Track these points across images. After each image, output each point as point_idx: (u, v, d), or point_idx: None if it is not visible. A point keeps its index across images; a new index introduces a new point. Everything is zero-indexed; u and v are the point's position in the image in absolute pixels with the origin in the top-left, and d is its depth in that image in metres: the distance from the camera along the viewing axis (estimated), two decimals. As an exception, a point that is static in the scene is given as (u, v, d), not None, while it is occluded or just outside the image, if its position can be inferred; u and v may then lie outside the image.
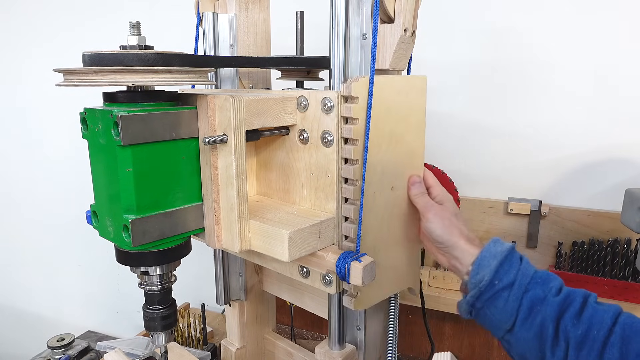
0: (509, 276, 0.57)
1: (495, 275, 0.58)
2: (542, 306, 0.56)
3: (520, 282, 0.57)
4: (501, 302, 0.57)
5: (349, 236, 0.60)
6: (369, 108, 0.57)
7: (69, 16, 1.51)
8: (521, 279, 0.57)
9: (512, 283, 0.57)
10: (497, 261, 0.58)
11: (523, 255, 0.61)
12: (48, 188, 1.69)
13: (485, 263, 0.58)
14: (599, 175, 1.05)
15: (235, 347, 0.92)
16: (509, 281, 0.57)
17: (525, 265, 0.59)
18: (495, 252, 0.59)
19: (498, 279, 0.57)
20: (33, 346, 1.31)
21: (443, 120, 1.15)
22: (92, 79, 0.49)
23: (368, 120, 0.57)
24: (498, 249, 0.59)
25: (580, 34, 1.01)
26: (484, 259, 0.59)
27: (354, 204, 0.59)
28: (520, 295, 0.57)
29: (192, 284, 1.39)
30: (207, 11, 0.75)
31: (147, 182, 0.54)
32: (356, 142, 0.57)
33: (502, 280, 0.57)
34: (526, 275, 0.58)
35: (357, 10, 0.59)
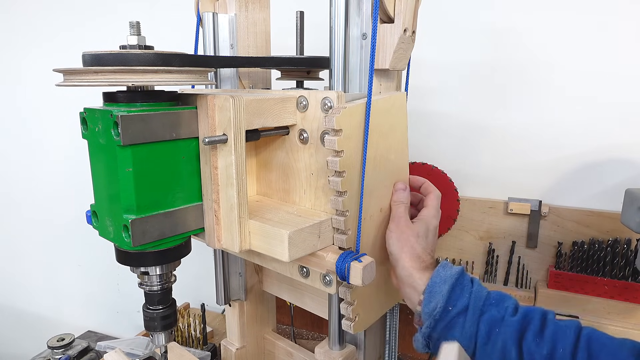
0: (462, 300, 0.55)
1: (449, 301, 0.55)
2: (500, 327, 0.54)
3: (475, 305, 0.55)
4: (458, 330, 0.55)
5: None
6: (367, 121, 0.57)
7: (69, 16, 1.51)
8: (475, 302, 0.55)
9: (466, 307, 0.55)
10: (448, 285, 0.56)
11: (473, 277, 0.59)
12: (48, 188, 1.69)
13: (436, 289, 0.56)
14: (599, 175, 1.05)
15: (235, 347, 0.92)
16: (463, 305, 0.55)
17: (477, 287, 0.57)
18: (445, 276, 0.57)
19: (451, 304, 0.55)
20: (33, 346, 1.31)
21: (443, 120, 1.15)
22: (92, 79, 0.49)
23: (366, 141, 0.57)
24: (447, 272, 0.58)
25: (580, 34, 1.01)
26: (434, 285, 0.57)
27: (346, 234, 0.58)
28: (477, 319, 0.55)
29: (192, 284, 1.39)
30: (207, 11, 0.75)
31: (147, 182, 0.54)
32: (343, 173, 0.56)
33: (456, 306, 0.55)
34: (479, 298, 0.56)
35: (357, 10, 0.59)
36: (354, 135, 0.57)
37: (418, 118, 1.12)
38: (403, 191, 0.65)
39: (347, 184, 0.57)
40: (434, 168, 0.98)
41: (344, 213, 0.58)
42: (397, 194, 0.65)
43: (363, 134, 0.58)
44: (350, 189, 0.57)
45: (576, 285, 1.02)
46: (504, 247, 1.11)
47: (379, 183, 0.63)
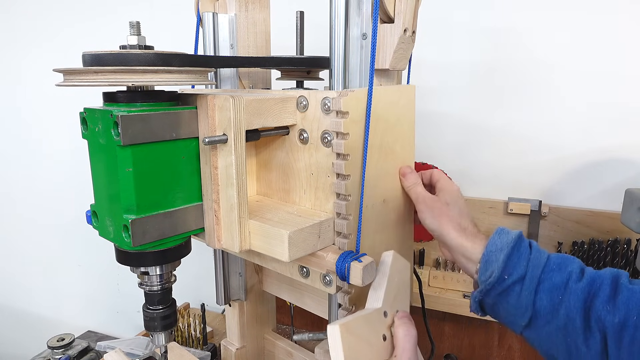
0: (519, 269, 0.53)
1: (505, 270, 0.53)
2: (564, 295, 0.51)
3: (532, 274, 0.53)
4: (513, 298, 0.53)
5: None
6: (368, 116, 0.57)
7: (69, 16, 1.51)
8: (532, 270, 0.53)
9: (522, 276, 0.53)
10: (504, 254, 0.54)
11: (532, 241, 0.57)
12: (48, 188, 1.69)
13: (492, 258, 0.55)
14: (599, 175, 1.05)
15: (235, 347, 0.92)
16: (519, 274, 0.53)
17: (536, 254, 0.55)
18: (501, 244, 0.55)
19: (507, 273, 0.53)
20: (33, 346, 1.31)
21: (443, 120, 1.15)
22: (92, 79, 0.49)
23: (367, 130, 0.57)
24: (504, 240, 0.55)
25: (580, 34, 1.01)
26: (490, 254, 0.55)
27: (347, 219, 0.58)
28: (534, 289, 0.52)
29: (192, 284, 1.39)
30: (207, 11, 0.75)
31: (147, 182, 0.54)
32: (347, 157, 0.56)
33: (512, 275, 0.53)
34: (537, 265, 0.53)
35: (357, 10, 0.59)
36: (360, 120, 0.57)
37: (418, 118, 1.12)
38: (411, 173, 0.65)
39: (350, 168, 0.57)
40: (434, 168, 0.98)
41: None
42: (407, 178, 0.65)
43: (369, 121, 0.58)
44: (353, 173, 0.57)
45: (576, 285, 1.02)
46: (504, 247, 1.11)
47: (384, 173, 0.63)
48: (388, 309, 0.53)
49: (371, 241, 0.63)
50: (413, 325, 0.52)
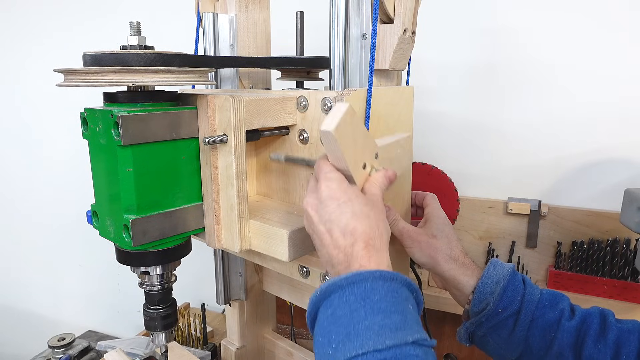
0: (514, 304, 0.54)
1: (499, 304, 0.54)
2: (557, 332, 0.52)
3: (527, 309, 0.53)
4: (505, 332, 0.54)
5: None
6: (367, 116, 0.57)
7: (69, 16, 1.51)
8: (527, 306, 0.53)
9: (517, 311, 0.53)
10: (499, 288, 0.54)
11: (524, 276, 0.58)
12: (48, 188, 1.69)
13: (487, 290, 0.55)
14: (598, 175, 1.05)
15: (235, 346, 0.92)
16: (514, 309, 0.53)
17: (530, 289, 0.55)
18: (496, 277, 0.55)
19: (502, 307, 0.54)
20: (33, 346, 1.31)
21: (443, 120, 1.15)
22: (92, 79, 0.49)
23: (366, 128, 0.57)
24: (499, 272, 0.56)
25: (581, 34, 1.01)
26: (485, 286, 0.55)
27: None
28: (528, 324, 0.53)
29: (192, 284, 1.39)
30: (207, 11, 0.75)
31: (147, 182, 0.54)
32: None
33: (507, 309, 0.53)
34: (532, 301, 0.54)
35: (357, 10, 0.59)
36: (362, 119, 0.57)
37: (418, 118, 1.12)
38: (389, 211, 0.61)
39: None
40: (433, 168, 0.98)
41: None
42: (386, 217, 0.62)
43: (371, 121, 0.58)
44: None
45: (575, 285, 1.02)
46: (503, 247, 1.11)
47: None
48: (365, 160, 0.51)
49: None
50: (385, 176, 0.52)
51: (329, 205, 0.46)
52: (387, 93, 0.61)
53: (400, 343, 0.37)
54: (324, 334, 0.40)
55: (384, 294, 0.40)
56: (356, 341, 0.37)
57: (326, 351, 0.39)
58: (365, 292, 0.40)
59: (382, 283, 0.41)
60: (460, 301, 0.60)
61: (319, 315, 0.43)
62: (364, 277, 0.41)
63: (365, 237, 0.44)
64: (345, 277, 0.41)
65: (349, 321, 0.39)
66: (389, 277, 0.42)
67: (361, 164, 0.51)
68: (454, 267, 0.59)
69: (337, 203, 0.45)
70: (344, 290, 0.41)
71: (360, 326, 0.38)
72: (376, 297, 0.40)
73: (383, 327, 0.38)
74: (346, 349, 0.37)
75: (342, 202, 0.45)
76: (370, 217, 0.45)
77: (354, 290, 0.40)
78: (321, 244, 0.46)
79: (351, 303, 0.40)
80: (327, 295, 0.42)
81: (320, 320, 0.42)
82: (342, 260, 0.44)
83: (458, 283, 0.59)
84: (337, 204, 0.45)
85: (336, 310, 0.40)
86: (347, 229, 0.44)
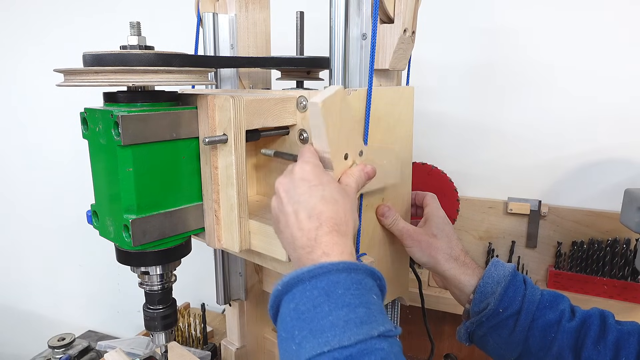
0: (514, 304, 0.53)
1: (500, 304, 0.54)
2: (557, 333, 0.52)
3: (528, 309, 0.53)
4: (506, 332, 0.54)
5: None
6: (367, 116, 0.57)
7: (67, 14, 1.51)
8: (528, 306, 0.53)
9: (518, 311, 0.53)
10: (501, 288, 0.54)
11: (525, 277, 0.58)
12: (48, 188, 1.69)
13: (488, 290, 0.55)
14: (598, 175, 1.05)
15: (235, 346, 0.92)
16: (514, 309, 0.53)
17: (531, 289, 0.55)
18: (497, 277, 0.55)
19: (503, 307, 0.54)
20: (33, 346, 1.31)
21: (443, 120, 1.16)
22: (92, 79, 0.49)
23: (366, 129, 0.57)
24: (500, 272, 0.56)
25: (580, 34, 1.01)
26: (486, 286, 0.55)
27: None
28: (528, 325, 0.53)
29: (192, 284, 1.39)
30: (207, 11, 0.75)
31: (148, 182, 0.54)
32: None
33: (508, 309, 0.53)
34: (532, 302, 0.54)
35: (357, 10, 0.59)
36: (361, 119, 0.57)
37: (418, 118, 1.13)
38: (389, 211, 0.62)
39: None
40: (433, 168, 0.98)
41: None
42: (386, 217, 0.62)
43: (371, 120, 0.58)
44: None
45: (575, 285, 1.02)
46: (503, 247, 1.11)
47: (383, 171, 0.63)
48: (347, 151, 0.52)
49: (370, 238, 0.63)
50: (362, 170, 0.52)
51: (299, 187, 0.45)
52: (387, 93, 0.61)
53: (365, 338, 0.36)
54: (287, 330, 0.39)
55: (348, 286, 0.39)
56: (321, 338, 0.36)
57: (290, 347, 0.38)
58: (329, 285, 0.39)
59: (345, 275, 0.40)
60: (461, 300, 0.60)
61: (282, 309, 0.41)
62: (327, 269, 0.40)
63: (331, 222, 0.43)
64: (308, 270, 0.40)
65: (312, 316, 0.38)
66: (353, 268, 0.41)
67: (343, 153, 0.51)
68: (455, 266, 0.59)
69: (308, 185, 0.45)
70: (306, 283, 0.40)
71: (324, 322, 0.37)
72: (340, 291, 0.39)
73: (348, 322, 0.37)
74: (311, 346, 0.36)
75: (313, 185, 0.45)
76: (338, 204, 0.45)
77: (317, 284, 0.39)
78: (286, 225, 0.45)
79: (314, 297, 0.39)
80: (289, 288, 0.41)
81: (283, 314, 0.41)
82: (304, 244, 0.43)
83: (459, 282, 0.59)
84: (309, 186, 0.45)
85: (299, 305, 0.39)
86: (314, 212, 0.44)
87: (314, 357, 0.36)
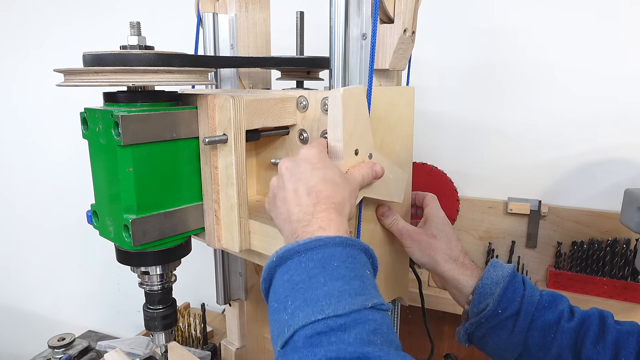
0: (513, 305, 0.54)
1: (499, 304, 0.54)
2: (556, 334, 0.52)
3: (527, 310, 0.53)
4: (505, 333, 0.54)
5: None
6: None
7: (67, 14, 1.51)
8: (527, 306, 0.53)
9: (517, 312, 0.53)
10: (500, 288, 0.54)
11: (524, 277, 0.58)
12: (48, 188, 1.69)
13: (487, 291, 0.55)
14: (598, 175, 1.05)
15: (235, 346, 0.92)
16: (514, 310, 0.53)
17: (530, 290, 0.55)
18: (496, 278, 0.55)
19: (502, 307, 0.54)
20: (33, 346, 1.31)
21: (443, 120, 1.15)
22: (92, 79, 0.49)
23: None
24: (499, 273, 0.56)
25: (581, 33, 1.01)
26: (485, 287, 0.55)
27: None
28: (527, 325, 0.53)
29: (192, 283, 1.39)
30: (207, 11, 0.75)
31: (147, 182, 0.54)
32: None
33: (507, 310, 0.53)
34: (531, 302, 0.54)
35: (357, 10, 0.59)
36: None
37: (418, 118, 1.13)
38: (388, 211, 0.62)
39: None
40: (433, 168, 0.98)
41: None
42: (386, 217, 0.62)
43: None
44: None
45: (576, 285, 1.02)
46: (503, 247, 1.11)
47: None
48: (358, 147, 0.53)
49: (370, 238, 0.63)
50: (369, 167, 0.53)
51: (302, 166, 0.46)
52: (387, 93, 0.61)
53: (359, 308, 0.37)
54: (280, 300, 0.39)
55: (343, 259, 0.40)
56: (315, 306, 0.37)
57: (281, 317, 0.38)
58: (325, 257, 0.40)
59: (341, 249, 0.41)
60: (460, 301, 0.60)
61: (275, 281, 0.42)
62: (323, 242, 0.41)
63: (329, 201, 0.44)
64: (304, 243, 0.41)
65: (307, 287, 0.38)
66: (348, 242, 0.42)
67: (354, 147, 0.52)
68: (454, 267, 0.59)
69: (311, 166, 0.46)
70: (302, 255, 0.40)
71: (319, 292, 0.37)
72: (335, 263, 0.39)
73: (342, 293, 0.37)
74: (304, 315, 0.36)
75: (316, 166, 0.46)
76: (338, 186, 0.46)
77: (312, 256, 0.40)
78: (283, 200, 0.46)
79: (310, 269, 0.39)
80: (284, 260, 0.41)
81: (276, 286, 0.41)
82: (301, 218, 0.44)
83: (458, 283, 0.59)
84: (311, 167, 0.46)
85: (294, 276, 0.39)
86: (313, 189, 0.44)
87: (307, 325, 0.36)
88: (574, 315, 0.53)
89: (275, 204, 0.48)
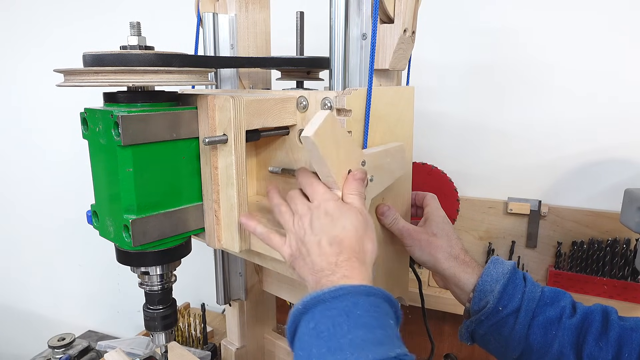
0: (514, 301, 0.53)
1: (500, 302, 0.54)
2: (558, 330, 0.51)
3: (527, 307, 0.53)
4: (506, 330, 0.53)
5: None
6: (367, 116, 0.57)
7: (67, 14, 1.51)
8: (528, 303, 0.53)
9: (517, 308, 0.53)
10: (500, 285, 0.54)
11: (525, 273, 0.57)
12: (48, 188, 1.69)
13: (487, 288, 0.55)
14: (598, 175, 1.05)
15: (235, 346, 0.92)
16: (514, 307, 0.53)
17: (531, 287, 0.55)
18: (496, 275, 0.55)
19: (502, 304, 0.53)
20: (33, 346, 1.31)
21: (443, 120, 1.16)
22: (92, 79, 0.49)
23: (366, 129, 0.57)
24: (499, 270, 0.56)
25: (580, 34, 1.01)
26: (485, 284, 0.55)
27: None
28: (528, 322, 0.53)
29: (192, 284, 1.39)
30: (207, 11, 0.75)
31: (147, 182, 0.54)
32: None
33: (507, 307, 0.53)
34: (532, 299, 0.54)
35: (357, 10, 0.59)
36: (361, 119, 0.57)
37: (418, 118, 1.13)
38: (388, 210, 0.62)
39: None
40: (433, 168, 0.99)
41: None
42: (386, 216, 0.62)
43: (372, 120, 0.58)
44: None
45: (575, 285, 1.02)
46: (503, 247, 1.11)
47: (384, 172, 0.63)
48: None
49: None
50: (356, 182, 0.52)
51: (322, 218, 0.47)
52: (387, 93, 0.61)
53: (383, 358, 0.37)
54: (305, 348, 0.40)
55: (367, 308, 0.40)
56: (339, 355, 0.37)
57: None
58: (349, 306, 0.40)
59: (365, 298, 0.41)
60: (461, 299, 0.60)
61: (300, 329, 0.42)
62: (347, 291, 0.41)
63: (351, 250, 0.45)
64: (329, 291, 0.41)
65: (331, 335, 0.38)
66: (372, 292, 0.42)
67: (346, 170, 0.52)
68: (455, 264, 0.59)
69: (331, 218, 0.47)
70: (326, 304, 0.41)
71: (343, 341, 0.38)
72: (359, 312, 0.40)
73: (366, 342, 0.38)
74: None
75: (336, 217, 0.47)
76: (358, 233, 0.47)
77: (337, 305, 0.40)
78: (307, 253, 0.47)
79: (334, 317, 0.39)
80: (309, 308, 0.42)
81: (301, 334, 0.41)
82: (324, 267, 0.44)
83: (458, 281, 0.58)
84: (332, 219, 0.47)
85: (318, 324, 0.40)
86: (335, 240, 0.45)
87: None
88: (576, 312, 0.53)
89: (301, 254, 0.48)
